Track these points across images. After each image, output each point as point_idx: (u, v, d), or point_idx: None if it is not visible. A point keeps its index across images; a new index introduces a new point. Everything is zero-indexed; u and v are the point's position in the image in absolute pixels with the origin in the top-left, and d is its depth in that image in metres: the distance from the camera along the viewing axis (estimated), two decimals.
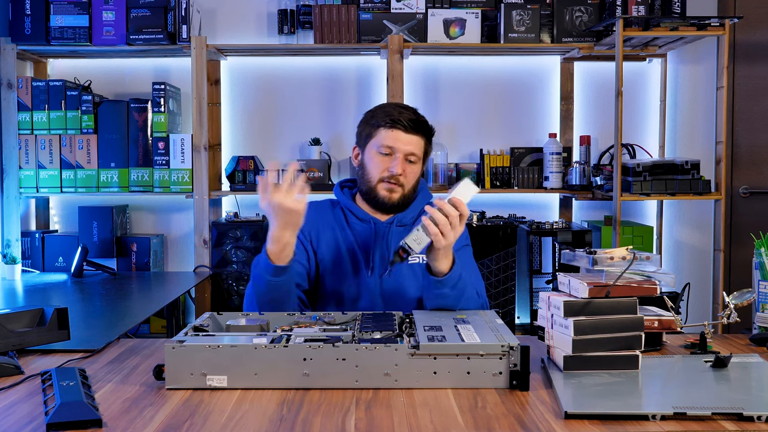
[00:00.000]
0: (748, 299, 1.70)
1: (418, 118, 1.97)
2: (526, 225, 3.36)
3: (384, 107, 2.00)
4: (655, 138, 3.71)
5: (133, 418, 1.25)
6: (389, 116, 1.94)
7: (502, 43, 3.39)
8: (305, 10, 3.45)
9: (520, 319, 3.38)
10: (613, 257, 1.50)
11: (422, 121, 1.98)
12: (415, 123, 1.95)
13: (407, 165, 1.95)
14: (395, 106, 2.00)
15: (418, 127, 1.96)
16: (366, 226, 1.99)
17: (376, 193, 1.97)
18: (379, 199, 1.97)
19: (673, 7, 3.36)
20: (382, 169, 1.95)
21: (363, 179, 1.99)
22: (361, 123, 2.03)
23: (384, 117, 1.95)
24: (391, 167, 1.94)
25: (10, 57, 3.33)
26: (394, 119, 1.93)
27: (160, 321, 3.39)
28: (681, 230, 3.72)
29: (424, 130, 1.98)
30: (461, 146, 3.68)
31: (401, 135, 1.94)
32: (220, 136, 3.62)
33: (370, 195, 1.98)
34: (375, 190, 1.97)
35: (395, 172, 1.93)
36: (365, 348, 1.39)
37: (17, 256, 3.28)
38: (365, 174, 1.98)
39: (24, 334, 1.64)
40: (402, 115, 1.94)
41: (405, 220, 2.01)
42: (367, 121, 2.00)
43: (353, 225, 2.00)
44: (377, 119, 1.97)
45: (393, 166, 1.93)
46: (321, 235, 1.99)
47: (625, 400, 1.29)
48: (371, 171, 1.97)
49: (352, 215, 2.01)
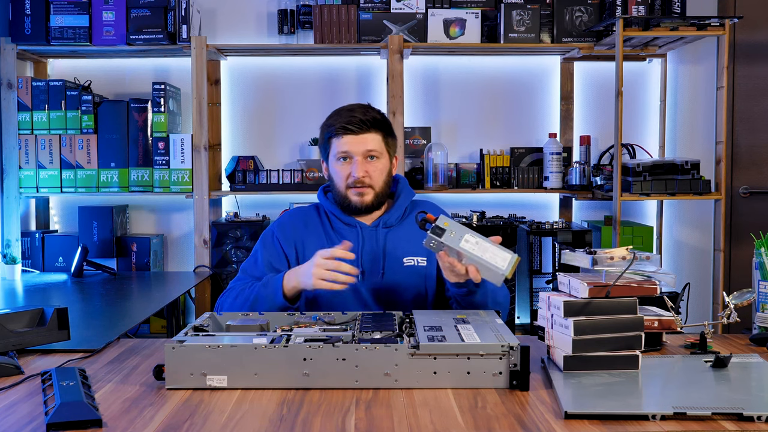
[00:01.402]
0: (748, 299, 1.70)
1: (365, 116, 1.95)
2: (526, 225, 3.36)
3: (333, 116, 1.99)
4: (655, 138, 3.71)
5: (133, 418, 1.25)
6: (333, 126, 1.95)
7: (502, 43, 3.39)
8: (305, 10, 3.45)
9: (520, 319, 3.38)
10: (613, 257, 1.50)
11: (371, 118, 1.95)
12: (362, 123, 1.94)
13: (368, 164, 1.95)
14: (344, 110, 1.99)
15: (369, 124, 1.94)
16: (353, 230, 1.99)
17: (348, 200, 1.97)
18: (352, 205, 1.97)
19: (673, 7, 3.36)
20: (345, 176, 1.95)
21: (334, 190, 2.00)
22: (319, 137, 2.05)
23: (329, 128, 1.97)
24: (352, 172, 1.94)
25: (10, 57, 3.33)
26: (341, 126, 1.94)
27: (160, 321, 3.39)
28: (681, 230, 3.72)
29: (377, 125, 1.96)
30: (461, 146, 3.68)
31: (352, 138, 1.93)
32: (220, 136, 3.62)
33: (344, 203, 1.98)
34: (346, 198, 1.97)
35: (357, 176, 1.93)
36: (365, 348, 1.39)
37: (17, 256, 3.28)
38: (334, 185, 2.00)
39: (24, 334, 1.64)
40: (350, 119, 1.94)
41: (390, 221, 2.00)
42: (321, 135, 2.02)
43: (339, 230, 2.00)
44: (328, 130, 1.98)
45: (354, 170, 1.93)
46: (307, 242, 1.99)
47: (625, 400, 1.29)
48: (336, 181, 1.98)
49: (338, 220, 2.01)
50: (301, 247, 1.99)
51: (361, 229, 1.98)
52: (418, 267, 1.97)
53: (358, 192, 1.95)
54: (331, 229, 2.01)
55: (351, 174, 1.94)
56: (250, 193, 3.46)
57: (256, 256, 2.01)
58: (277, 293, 1.82)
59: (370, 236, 1.97)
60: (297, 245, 1.99)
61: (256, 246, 2.04)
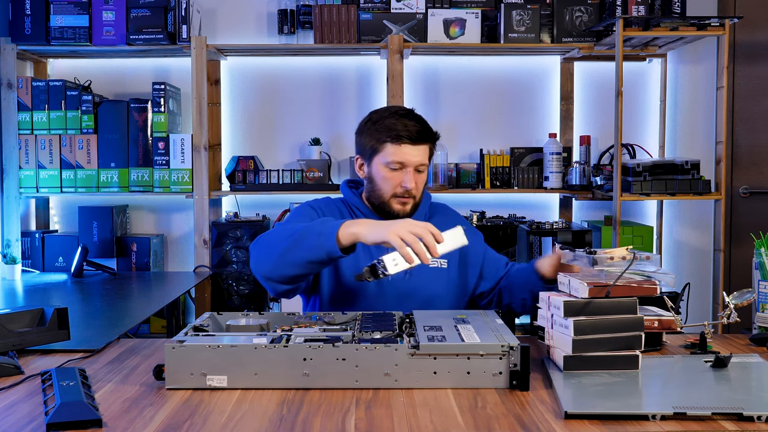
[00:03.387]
0: (748, 299, 1.70)
1: (423, 127, 1.92)
2: (526, 225, 3.36)
3: (385, 117, 1.92)
4: (655, 138, 3.71)
5: (133, 418, 1.25)
6: (395, 131, 1.89)
7: (502, 43, 3.39)
8: (305, 10, 3.45)
9: (520, 319, 3.38)
10: (613, 257, 1.50)
11: (427, 130, 1.93)
12: (420, 134, 1.90)
13: (417, 176, 1.92)
14: (397, 116, 1.92)
15: (424, 136, 1.91)
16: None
17: (389, 207, 1.93)
18: (393, 213, 1.93)
19: (673, 7, 3.36)
20: (395, 185, 1.90)
21: (374, 193, 1.95)
22: (364, 134, 1.96)
23: (389, 132, 1.89)
24: (403, 183, 1.90)
25: (10, 57, 3.33)
26: (400, 134, 1.88)
27: (160, 321, 3.39)
28: (681, 230, 3.72)
29: (430, 137, 1.93)
30: (461, 146, 3.68)
31: (409, 149, 1.89)
32: (220, 136, 3.62)
33: (384, 209, 1.94)
34: (388, 204, 1.93)
35: (409, 187, 1.89)
36: (365, 348, 1.39)
37: (17, 256, 3.28)
38: (376, 189, 1.94)
39: (24, 334, 1.64)
40: (407, 128, 1.89)
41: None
42: (370, 134, 1.93)
43: None
44: (382, 134, 1.90)
45: (405, 181, 1.89)
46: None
47: (625, 400, 1.29)
48: (382, 187, 1.92)
49: (363, 216, 1.97)
50: None
51: None
52: (441, 269, 1.97)
53: (402, 201, 1.92)
54: None
55: (402, 184, 1.89)
56: (250, 193, 3.46)
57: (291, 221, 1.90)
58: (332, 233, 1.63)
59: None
60: None
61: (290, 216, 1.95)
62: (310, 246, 1.67)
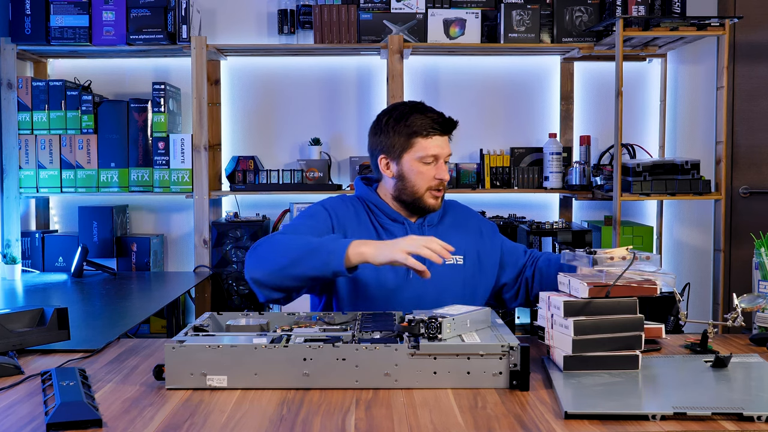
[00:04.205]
0: (759, 305, 1.68)
1: (445, 118, 1.94)
2: (526, 225, 3.36)
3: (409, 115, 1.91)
4: (655, 138, 3.71)
5: (133, 418, 1.25)
6: (424, 124, 1.89)
7: (502, 43, 3.39)
8: (305, 10, 3.45)
9: (520, 319, 3.38)
10: (613, 257, 1.50)
11: (450, 119, 1.95)
12: (446, 124, 1.92)
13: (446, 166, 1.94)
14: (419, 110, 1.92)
15: (450, 126, 1.94)
16: (400, 227, 1.94)
17: (423, 202, 1.92)
18: (427, 207, 1.93)
19: (673, 7, 3.36)
20: (430, 179, 1.90)
21: (407, 190, 1.92)
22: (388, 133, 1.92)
23: (418, 127, 1.89)
24: (437, 174, 1.90)
25: (10, 57, 3.33)
26: (431, 126, 1.89)
27: (160, 321, 3.39)
28: (681, 230, 3.72)
29: (454, 125, 1.96)
30: (461, 146, 3.68)
31: (439, 140, 1.91)
32: (220, 136, 3.62)
33: (416, 204, 1.92)
34: (422, 199, 1.92)
35: (445, 178, 1.91)
36: (365, 348, 1.39)
37: (17, 256, 3.28)
38: (408, 185, 1.91)
39: (24, 334, 1.64)
40: (435, 120, 1.90)
41: (433, 220, 1.98)
42: (396, 131, 1.91)
43: (386, 225, 1.94)
44: (410, 128, 1.90)
45: (439, 173, 1.90)
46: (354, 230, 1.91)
47: (625, 400, 1.29)
48: (417, 182, 1.91)
49: (384, 215, 1.95)
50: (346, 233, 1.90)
51: (409, 227, 1.94)
52: (457, 265, 1.96)
53: (436, 195, 1.92)
54: (378, 224, 1.94)
55: (436, 176, 1.90)
56: (250, 193, 3.46)
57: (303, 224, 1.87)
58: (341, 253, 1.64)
59: (416, 234, 1.92)
60: (345, 229, 1.90)
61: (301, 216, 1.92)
62: (316, 264, 1.66)
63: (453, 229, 1.99)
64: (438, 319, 1.43)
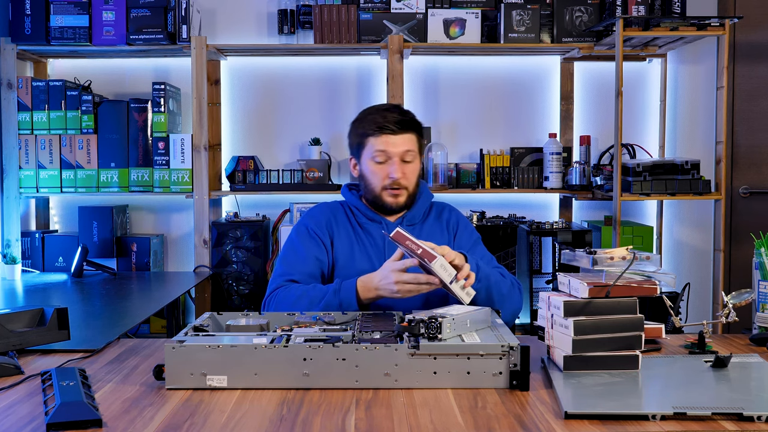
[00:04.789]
0: (747, 299, 1.70)
1: (404, 116, 1.97)
2: (526, 225, 3.36)
3: (368, 114, 2.00)
4: (655, 138, 3.71)
5: (133, 418, 1.25)
6: (375, 123, 1.95)
7: (502, 43, 3.39)
8: (305, 10, 3.45)
9: (520, 319, 3.38)
10: (613, 257, 1.50)
11: (409, 119, 1.97)
12: (402, 123, 1.95)
13: (405, 166, 1.96)
14: (379, 109, 1.99)
15: (407, 125, 1.96)
16: (378, 227, 2.01)
17: (382, 200, 1.98)
18: (386, 205, 1.98)
19: (673, 7, 3.36)
20: (382, 177, 1.95)
21: (366, 189, 2.00)
22: (350, 133, 2.04)
23: (370, 125, 1.95)
24: (390, 173, 1.94)
25: (10, 57, 3.33)
26: (380, 125, 1.94)
27: (160, 321, 3.39)
28: (681, 230, 3.72)
29: (413, 126, 1.98)
30: (461, 146, 3.68)
31: (391, 138, 1.94)
32: (220, 136, 3.62)
33: (377, 203, 1.99)
34: (380, 198, 1.98)
35: (395, 177, 1.94)
36: (365, 348, 1.39)
37: (17, 256, 3.28)
38: (367, 183, 1.99)
39: (24, 334, 1.64)
40: (387, 119, 1.94)
41: (413, 219, 2.02)
42: (355, 131, 2.01)
43: (365, 225, 2.01)
44: (364, 128, 1.97)
45: (391, 171, 1.94)
46: (336, 235, 2.00)
47: (625, 400, 1.29)
48: (372, 181, 1.97)
49: (362, 216, 2.02)
50: (334, 240, 1.99)
51: (387, 226, 2.00)
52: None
53: (393, 193, 1.96)
54: (357, 224, 2.02)
55: (389, 175, 1.94)
56: (250, 193, 3.46)
57: (297, 251, 1.97)
58: (353, 301, 1.80)
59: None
60: (331, 237, 2.00)
61: (291, 241, 2.00)
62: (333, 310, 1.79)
63: (434, 229, 2.02)
64: (438, 319, 1.43)
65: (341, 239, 1.99)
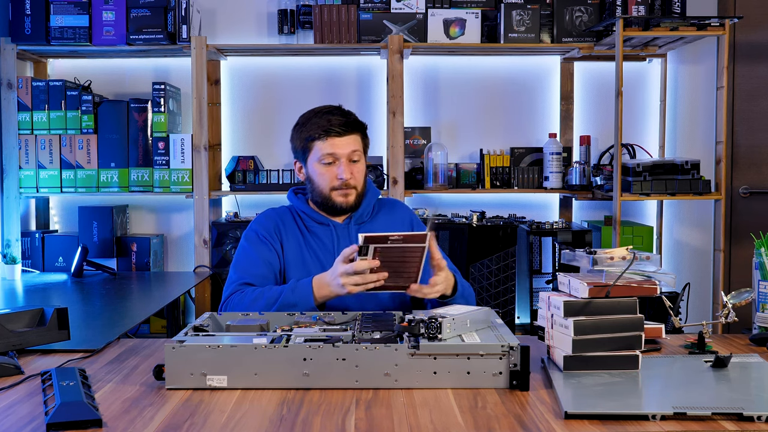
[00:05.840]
0: (746, 299, 1.70)
1: (348, 118, 1.97)
2: (526, 225, 3.36)
3: (311, 118, 1.99)
4: (655, 138, 3.71)
5: (133, 418, 1.25)
6: (320, 127, 1.95)
7: (502, 43, 3.39)
8: (305, 10, 3.45)
9: (520, 319, 3.38)
10: (613, 257, 1.50)
11: (353, 120, 1.98)
12: (346, 125, 1.96)
13: (352, 166, 1.97)
14: (322, 113, 1.99)
15: (351, 126, 1.97)
16: (326, 229, 2.01)
17: (332, 201, 1.98)
18: (336, 206, 1.98)
19: (673, 7, 3.36)
20: (331, 179, 1.96)
21: (314, 191, 2.00)
22: (294, 138, 2.03)
23: (315, 129, 1.95)
24: (338, 175, 1.95)
25: (10, 57, 3.33)
26: (325, 129, 1.94)
27: (160, 321, 3.39)
28: (681, 230, 3.72)
29: (357, 127, 1.99)
30: (461, 146, 3.68)
31: (337, 140, 1.94)
32: (220, 136, 3.62)
33: (327, 204, 1.99)
34: (330, 199, 1.98)
35: (344, 178, 1.94)
36: (365, 348, 1.40)
37: (17, 256, 3.28)
38: (315, 186, 1.99)
39: (24, 334, 1.64)
40: (332, 122, 1.95)
41: (361, 218, 2.03)
42: (299, 136, 2.00)
43: (313, 229, 2.02)
44: (309, 132, 1.97)
45: (340, 172, 1.94)
46: (285, 239, 2.00)
47: (625, 400, 1.29)
48: (320, 183, 1.97)
49: (310, 219, 2.02)
50: (283, 243, 2.00)
51: (335, 228, 2.01)
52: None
53: (343, 193, 1.97)
54: (305, 228, 2.02)
55: (338, 176, 1.95)
56: (250, 193, 3.46)
57: (248, 256, 1.99)
58: (309, 299, 1.81)
59: (343, 233, 2.01)
60: (281, 241, 2.00)
61: (243, 248, 2.02)
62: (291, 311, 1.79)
63: (385, 227, 2.02)
64: (438, 319, 1.44)
65: (290, 243, 1.99)
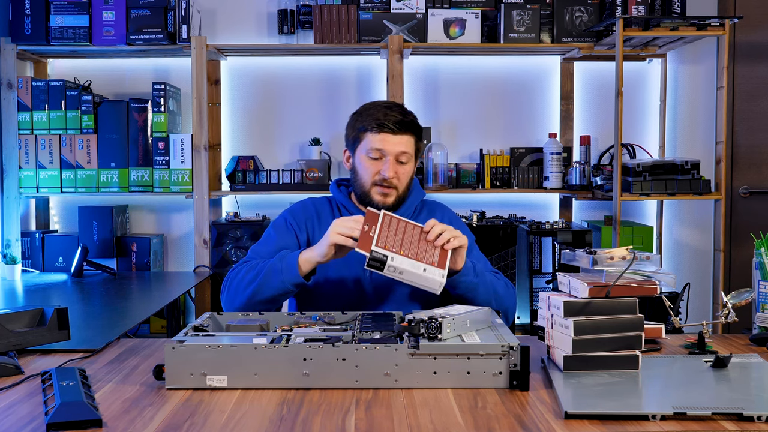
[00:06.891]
0: (746, 299, 1.70)
1: (405, 117, 1.94)
2: (526, 225, 3.36)
3: (369, 109, 1.97)
4: (655, 138, 3.71)
5: (133, 418, 1.25)
6: (375, 119, 1.93)
7: (502, 43, 3.39)
8: (305, 10, 3.45)
9: (520, 319, 3.38)
10: (613, 257, 1.50)
11: (410, 121, 1.95)
12: (402, 123, 1.93)
13: (399, 166, 1.94)
14: (381, 106, 1.97)
15: (406, 126, 1.94)
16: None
17: (370, 197, 1.95)
18: (374, 203, 1.95)
19: (673, 7, 3.36)
20: (373, 173, 1.93)
21: (356, 183, 1.98)
22: (348, 126, 2.02)
23: (370, 121, 1.93)
24: (382, 171, 1.92)
25: (10, 57, 3.33)
26: (380, 123, 1.92)
27: (160, 321, 3.39)
28: (681, 230, 3.72)
29: (413, 128, 1.96)
30: (461, 146, 3.68)
31: (389, 137, 1.92)
32: (220, 136, 3.62)
33: (365, 199, 1.96)
34: (369, 194, 1.95)
35: (387, 176, 1.92)
36: (365, 348, 1.39)
37: (17, 256, 3.28)
38: (358, 178, 1.97)
39: (24, 334, 1.64)
40: (388, 117, 1.92)
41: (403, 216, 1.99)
42: (354, 125, 1.99)
43: None
44: (363, 123, 1.95)
45: (384, 169, 1.92)
46: (317, 232, 1.98)
47: (625, 400, 1.29)
48: (363, 176, 1.95)
49: (347, 212, 2.00)
50: (312, 235, 1.99)
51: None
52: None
53: (382, 192, 1.94)
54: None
55: (380, 172, 1.92)
56: (250, 193, 3.46)
57: (268, 240, 1.98)
58: (293, 266, 1.78)
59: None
60: (309, 233, 1.99)
61: (268, 231, 2.02)
62: (276, 284, 1.80)
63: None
64: (438, 319, 1.43)
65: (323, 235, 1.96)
